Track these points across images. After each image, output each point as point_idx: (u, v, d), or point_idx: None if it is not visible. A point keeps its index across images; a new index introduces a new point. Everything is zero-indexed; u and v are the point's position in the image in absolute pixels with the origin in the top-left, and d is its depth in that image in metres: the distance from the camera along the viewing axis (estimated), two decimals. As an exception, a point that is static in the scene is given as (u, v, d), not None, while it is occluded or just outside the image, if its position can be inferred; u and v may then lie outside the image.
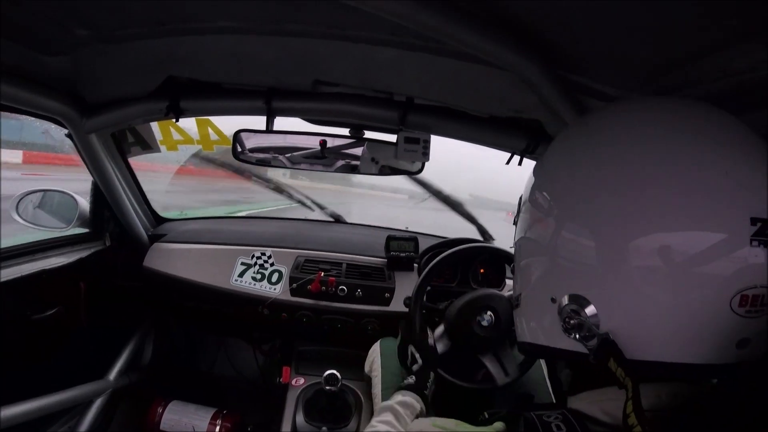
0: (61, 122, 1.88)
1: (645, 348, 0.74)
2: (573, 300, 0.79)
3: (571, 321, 0.79)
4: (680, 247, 0.70)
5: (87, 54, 1.50)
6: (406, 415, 1.43)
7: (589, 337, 0.77)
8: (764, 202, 0.70)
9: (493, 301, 1.87)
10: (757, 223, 0.68)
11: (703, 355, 0.72)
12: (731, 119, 0.80)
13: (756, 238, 0.68)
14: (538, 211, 0.90)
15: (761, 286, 0.69)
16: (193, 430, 2.54)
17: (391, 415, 1.42)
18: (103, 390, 2.49)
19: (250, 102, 1.80)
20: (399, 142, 1.91)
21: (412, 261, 2.63)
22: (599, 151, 0.83)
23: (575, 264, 0.80)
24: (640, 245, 0.72)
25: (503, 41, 1.13)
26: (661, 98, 0.92)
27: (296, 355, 2.76)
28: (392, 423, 1.39)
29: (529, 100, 1.43)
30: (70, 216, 2.33)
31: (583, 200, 0.81)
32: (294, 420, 2.27)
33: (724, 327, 0.70)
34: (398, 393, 1.54)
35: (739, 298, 0.69)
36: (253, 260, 2.55)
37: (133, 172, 2.45)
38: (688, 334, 0.72)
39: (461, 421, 0.92)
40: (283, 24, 1.28)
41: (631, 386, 0.69)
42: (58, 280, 2.20)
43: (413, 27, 1.07)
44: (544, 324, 0.87)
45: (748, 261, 0.69)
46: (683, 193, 0.71)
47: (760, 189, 0.71)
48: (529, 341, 0.94)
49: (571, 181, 0.85)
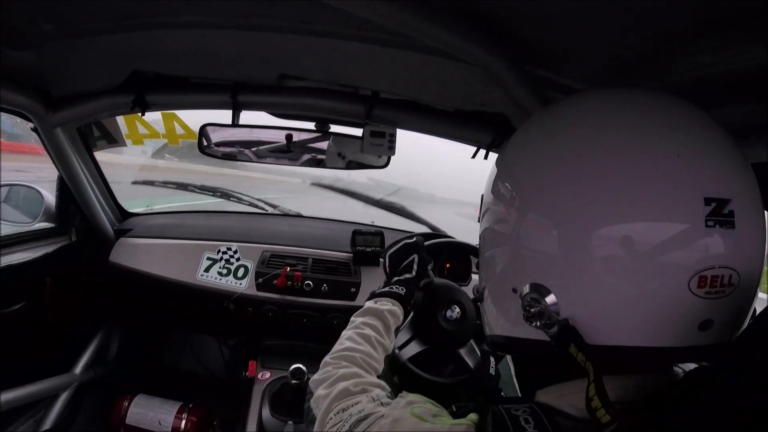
0: (27, 116, 1.88)
1: (605, 333, 0.73)
2: (533, 289, 0.79)
3: (531, 309, 0.79)
4: (638, 234, 0.70)
5: (53, 48, 1.50)
6: (391, 324, 1.37)
7: (550, 325, 0.77)
8: (717, 183, 0.70)
9: (459, 295, 1.84)
10: (711, 203, 0.68)
11: (665, 338, 0.72)
12: (685, 105, 0.80)
13: (711, 218, 0.68)
14: (500, 202, 0.90)
15: (720, 267, 0.69)
16: (159, 423, 2.53)
17: (378, 321, 1.34)
18: (68, 384, 2.48)
19: (217, 96, 1.80)
20: (365, 136, 1.90)
21: (377, 256, 2.64)
22: (557, 141, 0.84)
23: (535, 254, 0.79)
24: (599, 234, 0.72)
25: (470, 36, 1.13)
26: (616, 89, 0.92)
27: (262, 349, 2.76)
28: (378, 329, 1.32)
29: (495, 94, 1.44)
30: (36, 211, 2.31)
31: (542, 190, 0.80)
32: (260, 414, 2.30)
33: (684, 309, 0.70)
34: (386, 299, 1.43)
35: (697, 279, 0.68)
36: (219, 255, 2.56)
37: (99, 167, 2.44)
38: (649, 317, 0.71)
39: (442, 408, 0.87)
40: (250, 18, 1.28)
41: (592, 370, 0.69)
42: (24, 275, 2.19)
43: (380, 22, 1.08)
44: (508, 315, 0.87)
45: (704, 242, 0.69)
46: (636, 178, 0.71)
47: (712, 170, 0.71)
48: (496, 333, 0.94)
49: (531, 172, 0.85)
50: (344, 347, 1.23)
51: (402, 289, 1.48)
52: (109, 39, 1.46)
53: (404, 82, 1.67)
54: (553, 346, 0.77)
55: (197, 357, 3.35)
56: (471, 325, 1.81)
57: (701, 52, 0.98)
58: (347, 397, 1.01)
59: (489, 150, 1.96)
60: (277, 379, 2.45)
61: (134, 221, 2.82)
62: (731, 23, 0.86)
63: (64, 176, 2.26)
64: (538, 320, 0.78)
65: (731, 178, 0.72)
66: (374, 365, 1.22)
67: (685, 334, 0.71)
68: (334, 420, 0.95)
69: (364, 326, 1.32)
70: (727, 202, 0.69)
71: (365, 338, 1.28)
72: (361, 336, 1.28)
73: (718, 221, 0.68)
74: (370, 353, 1.24)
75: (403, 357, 1.74)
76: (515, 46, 1.18)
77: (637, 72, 1.14)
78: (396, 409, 0.86)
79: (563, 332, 0.75)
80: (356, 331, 1.30)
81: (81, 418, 2.60)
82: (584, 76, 1.27)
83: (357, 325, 1.32)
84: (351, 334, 1.28)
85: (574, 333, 0.74)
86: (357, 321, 1.35)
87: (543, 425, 0.74)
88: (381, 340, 1.30)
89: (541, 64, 1.28)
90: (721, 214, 0.68)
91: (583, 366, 0.70)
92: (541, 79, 1.32)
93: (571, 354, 0.73)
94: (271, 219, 3.26)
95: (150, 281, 2.52)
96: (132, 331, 3.11)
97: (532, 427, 0.73)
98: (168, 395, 2.70)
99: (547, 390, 0.86)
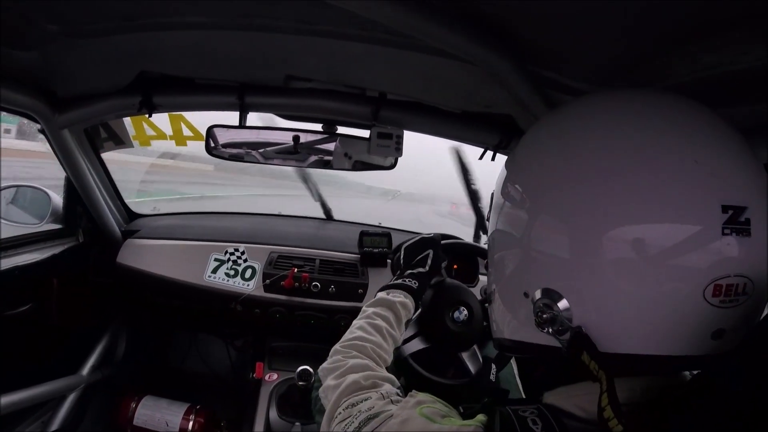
0: (34, 117, 1.87)
1: (618, 340, 0.73)
2: (545, 294, 0.77)
3: (543, 315, 0.77)
4: (652, 238, 0.69)
5: (58, 49, 1.50)
6: (403, 316, 1.38)
7: (562, 331, 0.76)
8: (735, 190, 0.69)
9: (468, 297, 1.85)
10: (728, 210, 0.67)
11: (678, 346, 0.71)
12: (700, 108, 0.79)
13: (728, 226, 0.67)
14: (511, 204, 0.89)
15: (735, 275, 0.67)
16: (166, 425, 2.53)
17: (390, 312, 1.35)
18: (76, 385, 2.48)
19: (223, 97, 1.81)
20: (372, 138, 1.91)
21: (385, 257, 2.64)
22: (571, 143, 0.82)
23: (547, 257, 0.78)
24: (611, 237, 0.71)
25: (473, 37, 1.13)
26: (631, 90, 0.91)
27: (269, 350, 2.76)
28: (390, 320, 1.33)
29: (500, 95, 1.44)
30: (43, 212, 2.31)
31: (555, 192, 0.79)
32: (267, 415, 2.29)
33: (699, 318, 0.69)
34: (399, 292, 1.44)
35: (712, 287, 0.67)
36: (227, 256, 2.56)
37: (106, 168, 2.44)
38: (662, 325, 0.70)
39: (451, 408, 0.87)
40: (251, 19, 1.29)
41: (605, 379, 0.68)
42: (31, 276, 2.19)
43: (383, 22, 1.07)
44: (518, 319, 0.86)
45: (720, 249, 0.67)
46: (654, 182, 0.70)
47: (730, 176, 0.70)
48: (505, 337, 0.93)
49: (545, 173, 0.84)
50: (355, 336, 1.23)
51: (415, 283, 1.49)
52: (113, 40, 1.46)
53: (408, 83, 1.67)
54: (565, 353, 0.76)
55: (204, 358, 3.35)
56: (477, 328, 1.82)
57: (702, 52, 0.97)
58: (357, 391, 1.00)
59: (496, 151, 1.96)
60: (284, 381, 2.44)
61: (141, 222, 2.82)
62: (731, 23, 0.86)
63: (72, 177, 2.26)
64: (550, 326, 0.77)
65: (748, 185, 0.71)
66: (384, 357, 1.22)
67: (698, 342, 0.70)
68: (343, 415, 0.94)
69: (375, 317, 1.32)
70: (744, 209, 0.67)
71: (376, 329, 1.28)
72: (372, 326, 1.28)
73: (735, 229, 0.67)
74: (380, 344, 1.24)
75: (405, 352, 1.76)
76: (516, 46, 1.18)
77: (638, 72, 1.14)
78: (405, 409, 0.85)
79: (576, 339, 0.74)
80: (368, 321, 1.30)
81: (88, 420, 2.60)
82: (585, 76, 1.27)
83: (369, 315, 1.33)
84: (362, 323, 1.29)
85: (588, 341, 0.73)
86: (369, 311, 1.35)
87: (551, 426, 0.74)
88: (392, 331, 1.31)
89: (543, 64, 1.28)
90: (737, 222, 0.67)
91: (596, 374, 0.70)
92: (543, 78, 1.32)
93: (583, 361, 0.72)
94: (278, 220, 3.26)
95: (157, 282, 2.52)
96: (139, 332, 3.11)
97: (540, 428, 0.73)
98: (175, 396, 2.70)
99: (555, 392, 0.85)
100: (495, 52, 1.18)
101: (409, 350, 1.78)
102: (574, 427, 0.75)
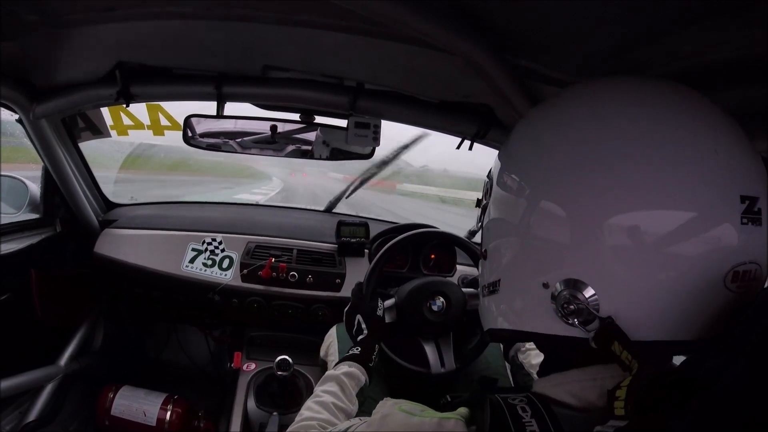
0: (11, 107, 1.88)
1: (645, 328, 0.73)
2: (568, 284, 0.76)
3: (570, 306, 0.75)
4: (682, 228, 0.70)
5: (36, 39, 1.50)
6: (351, 387, 1.42)
7: (588, 321, 0.74)
8: (751, 180, 0.71)
9: (444, 286, 1.87)
10: (745, 201, 0.69)
11: (697, 331, 0.72)
12: (702, 97, 0.80)
13: (746, 216, 0.69)
14: (517, 195, 0.86)
15: (750, 262, 0.70)
16: (144, 415, 2.52)
17: (336, 386, 1.41)
18: (53, 375, 2.47)
19: (201, 87, 1.81)
20: (349, 127, 1.92)
21: (362, 247, 2.67)
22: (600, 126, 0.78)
23: (573, 247, 0.76)
24: (643, 226, 0.70)
25: (452, 26, 1.13)
26: (637, 77, 0.90)
27: (247, 340, 2.78)
28: (337, 394, 1.38)
29: (479, 85, 1.42)
30: (20, 201, 2.31)
31: (581, 178, 0.76)
32: (245, 405, 2.31)
33: (718, 303, 0.71)
34: (343, 363, 1.51)
35: (731, 274, 0.70)
36: (204, 246, 2.57)
37: (84, 158, 2.44)
38: (686, 312, 0.71)
39: (426, 407, 0.87)
40: (231, 9, 1.29)
41: (637, 368, 0.67)
42: (8, 266, 2.18)
43: (363, 13, 1.09)
44: (532, 310, 0.83)
45: (740, 238, 0.69)
46: (674, 171, 0.70)
47: (747, 167, 0.72)
48: (509, 328, 0.90)
49: (560, 160, 0.80)
50: (303, 418, 1.30)
51: (357, 349, 1.58)
52: (92, 30, 1.46)
53: (387, 73, 1.68)
54: (593, 343, 0.75)
55: (182, 348, 3.34)
56: (455, 316, 1.84)
57: (683, 42, 0.99)
58: None
59: (473, 141, 1.97)
60: (262, 371, 2.46)
61: (119, 212, 2.82)
62: (713, 11, 0.87)
63: (49, 167, 2.27)
64: (576, 317, 0.75)
65: (759, 175, 0.73)
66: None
67: (714, 326, 0.72)
68: None
69: (322, 393, 1.39)
70: (757, 200, 0.70)
71: (323, 405, 1.34)
72: (319, 404, 1.35)
73: (751, 218, 0.69)
74: (328, 420, 1.29)
75: (383, 337, 1.78)
76: (496, 36, 1.19)
77: (619, 62, 1.14)
78: (384, 407, 0.87)
79: (606, 330, 0.73)
80: (315, 400, 1.37)
81: (66, 410, 2.59)
82: (565, 67, 1.29)
83: (316, 394, 1.40)
84: (310, 404, 1.36)
85: (619, 331, 0.72)
86: (317, 390, 1.42)
87: (539, 414, 0.75)
88: (339, 404, 1.37)
89: (522, 54, 1.29)
90: (752, 211, 0.70)
91: (628, 364, 0.69)
92: (522, 69, 1.33)
93: (614, 351, 0.72)
94: (255, 209, 3.28)
95: (135, 272, 2.53)
96: (117, 322, 3.10)
97: (529, 415, 0.74)
98: (153, 387, 2.70)
99: (547, 379, 0.86)
100: (473, 42, 1.18)
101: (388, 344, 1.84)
102: (563, 414, 0.76)
